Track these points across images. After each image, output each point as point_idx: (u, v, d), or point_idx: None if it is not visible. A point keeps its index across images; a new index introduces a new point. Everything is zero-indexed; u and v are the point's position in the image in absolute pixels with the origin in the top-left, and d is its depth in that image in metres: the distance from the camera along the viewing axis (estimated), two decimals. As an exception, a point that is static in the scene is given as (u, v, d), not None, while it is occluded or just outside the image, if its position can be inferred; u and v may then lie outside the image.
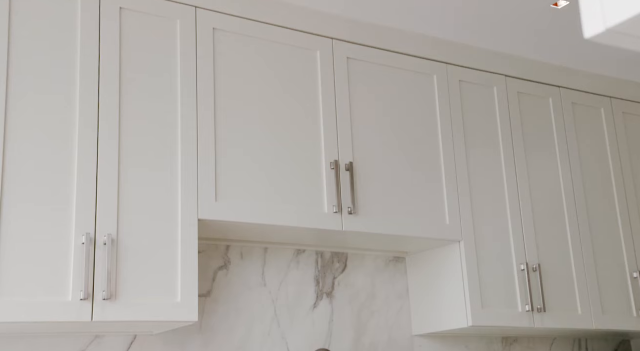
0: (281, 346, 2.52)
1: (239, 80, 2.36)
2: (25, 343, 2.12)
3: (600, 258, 2.93)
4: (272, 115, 2.39)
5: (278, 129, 2.39)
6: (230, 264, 2.51)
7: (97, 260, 1.98)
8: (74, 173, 2.03)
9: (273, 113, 2.39)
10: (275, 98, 2.41)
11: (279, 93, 2.42)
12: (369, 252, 2.78)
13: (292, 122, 2.42)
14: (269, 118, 2.38)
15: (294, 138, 2.40)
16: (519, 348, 3.01)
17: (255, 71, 2.40)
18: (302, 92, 2.47)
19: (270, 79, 2.42)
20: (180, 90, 2.24)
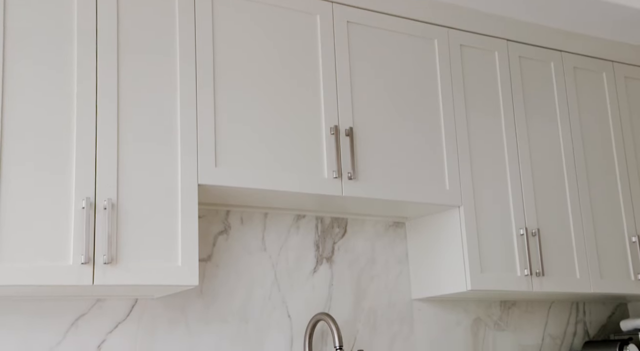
0: (281, 310, 2.54)
1: (238, 45, 2.34)
2: (27, 306, 2.14)
3: (600, 222, 2.94)
4: (271, 80, 2.37)
5: (278, 94, 2.37)
6: (230, 229, 2.52)
7: (97, 224, 1.99)
8: (73, 138, 2.02)
9: (273, 78, 2.38)
10: (274, 63, 2.39)
11: (278, 58, 2.40)
12: (369, 217, 2.79)
13: (291, 87, 2.40)
14: (269, 83, 2.37)
15: (293, 103, 2.39)
16: (518, 311, 3.04)
17: (255, 36, 2.38)
18: (302, 57, 2.45)
19: (270, 43, 2.40)
20: (179, 55, 2.23)
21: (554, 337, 3.09)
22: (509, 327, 2.99)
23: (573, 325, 3.16)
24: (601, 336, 3.18)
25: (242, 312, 2.47)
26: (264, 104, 2.34)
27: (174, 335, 2.33)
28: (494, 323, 2.96)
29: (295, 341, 2.53)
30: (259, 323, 2.49)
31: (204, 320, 2.39)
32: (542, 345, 3.05)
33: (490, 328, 2.95)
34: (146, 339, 2.29)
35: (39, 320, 2.15)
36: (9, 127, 1.95)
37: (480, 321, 2.93)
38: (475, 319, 2.92)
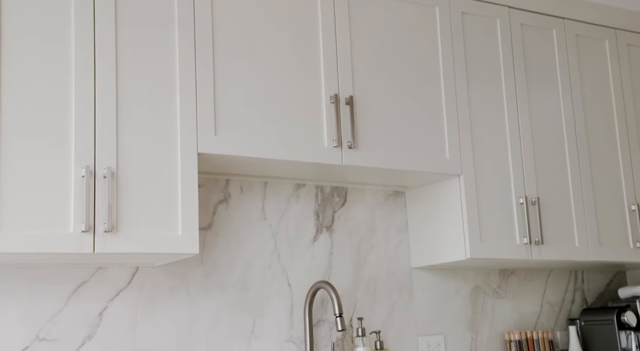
0: (281, 278, 2.55)
1: (237, 14, 2.32)
2: (29, 274, 2.16)
3: (599, 191, 2.95)
4: (271, 49, 2.35)
5: (278, 63, 2.36)
6: (230, 198, 2.52)
7: (97, 193, 1.99)
8: (72, 107, 2.01)
9: (272, 46, 2.36)
10: (274, 31, 2.37)
11: (278, 26, 2.38)
12: (369, 186, 2.79)
13: (291, 55, 2.38)
14: (269, 51, 2.35)
15: (294, 72, 2.37)
16: (516, 280, 3.06)
17: (254, 4, 2.35)
18: (302, 25, 2.42)
19: (270, 12, 2.38)
20: (178, 24, 2.21)
21: (552, 305, 3.11)
22: (507, 295, 3.01)
23: (571, 292, 3.18)
24: (599, 303, 3.21)
25: (243, 280, 2.48)
26: (264, 73, 2.33)
27: (174, 303, 2.35)
28: (493, 291, 2.98)
29: (295, 309, 2.55)
30: (259, 291, 2.50)
31: (205, 288, 2.41)
32: (541, 312, 3.08)
33: (489, 296, 2.97)
34: (147, 306, 2.30)
35: (40, 287, 2.16)
36: (9, 96, 1.94)
37: (479, 289, 2.95)
38: (474, 287, 2.94)
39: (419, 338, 2.77)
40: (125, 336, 2.25)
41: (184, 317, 2.35)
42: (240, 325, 2.44)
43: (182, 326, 2.34)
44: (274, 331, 2.50)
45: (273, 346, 2.48)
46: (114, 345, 2.23)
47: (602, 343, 2.96)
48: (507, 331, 2.95)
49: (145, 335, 2.28)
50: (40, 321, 2.14)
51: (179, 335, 2.33)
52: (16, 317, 2.11)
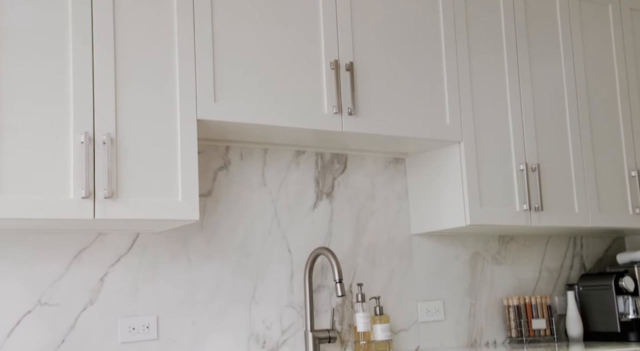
0: (282, 245, 2.57)
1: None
2: (30, 239, 2.17)
3: (600, 157, 2.95)
4: (271, 14, 2.33)
5: (278, 28, 2.34)
6: (230, 165, 2.52)
7: (97, 159, 1.99)
8: (69, 73, 2.00)
9: (272, 12, 2.33)
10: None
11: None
12: (369, 153, 2.79)
13: (292, 21, 2.36)
14: (268, 17, 2.32)
15: (293, 38, 2.35)
16: (516, 246, 3.07)
17: (252, -34, 2.33)
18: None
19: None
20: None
21: (550, 270, 3.13)
22: (506, 261, 3.03)
23: (570, 258, 3.20)
24: (597, 269, 3.23)
25: (243, 246, 2.50)
26: (264, 39, 2.31)
27: (175, 269, 2.37)
28: (492, 257, 3.00)
29: (296, 274, 2.57)
30: (259, 257, 2.52)
31: (205, 254, 2.42)
32: (539, 278, 3.10)
33: (489, 262, 2.99)
34: (148, 272, 2.32)
35: (42, 253, 2.17)
36: (7, 63, 1.93)
37: (478, 256, 2.97)
38: (473, 253, 2.96)
39: (418, 303, 2.80)
40: (126, 302, 2.27)
41: (184, 283, 2.37)
42: (241, 290, 2.46)
43: (183, 292, 2.36)
44: (274, 297, 2.52)
45: (273, 311, 2.50)
46: (115, 310, 2.25)
47: (599, 308, 2.99)
48: (505, 296, 2.97)
49: (147, 300, 2.30)
50: (41, 286, 2.16)
51: (179, 300, 2.35)
52: (18, 282, 2.13)
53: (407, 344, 2.75)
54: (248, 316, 2.46)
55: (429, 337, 2.79)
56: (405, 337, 2.75)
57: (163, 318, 2.32)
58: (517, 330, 2.90)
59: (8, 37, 1.94)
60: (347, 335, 2.63)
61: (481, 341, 2.90)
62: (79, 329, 2.18)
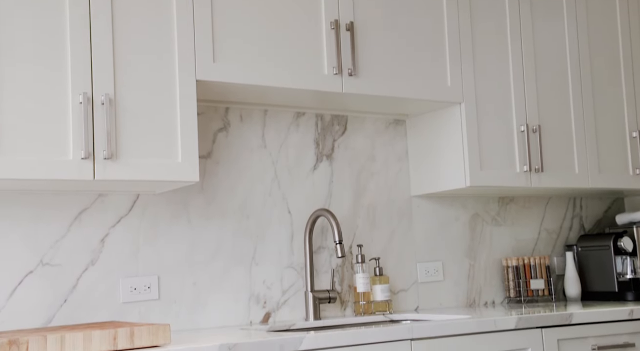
0: (282, 206, 2.57)
1: None
2: (31, 200, 2.17)
3: (601, 118, 2.94)
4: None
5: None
6: (230, 126, 2.52)
7: (96, 120, 1.98)
8: (67, 32, 1.98)
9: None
10: (272, -48, 2.31)
11: (276, -53, 2.32)
12: (369, 115, 2.78)
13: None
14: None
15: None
16: (515, 207, 3.08)
17: None
18: (301, -54, 2.36)
19: None
20: (172, -56, 2.15)
21: (549, 232, 3.15)
22: (506, 222, 3.04)
23: (569, 219, 3.21)
24: (596, 230, 3.24)
25: (243, 208, 2.50)
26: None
27: (176, 230, 2.38)
28: (492, 219, 3.01)
29: (296, 236, 2.58)
30: (259, 218, 2.52)
31: (206, 216, 2.43)
32: (538, 239, 3.11)
33: (488, 224, 3.00)
34: (149, 233, 2.33)
35: (42, 213, 2.18)
36: (3, 25, 1.90)
37: (478, 217, 2.98)
38: (473, 215, 2.97)
39: (418, 264, 2.82)
40: (127, 262, 2.28)
41: (185, 244, 2.38)
42: (241, 251, 2.48)
43: (183, 253, 2.38)
44: (275, 258, 2.53)
45: (274, 272, 2.52)
46: (116, 270, 2.26)
47: (598, 268, 3.01)
48: (504, 257, 2.99)
49: (147, 260, 2.31)
50: (43, 247, 2.17)
51: (180, 261, 2.37)
52: (19, 242, 2.14)
53: (407, 304, 2.78)
54: (248, 277, 2.47)
55: (428, 297, 2.82)
56: (404, 297, 2.77)
57: (164, 279, 2.33)
58: (515, 290, 2.92)
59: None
60: (347, 295, 2.65)
61: (480, 301, 2.93)
62: (80, 289, 2.20)
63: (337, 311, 2.62)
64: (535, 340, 2.31)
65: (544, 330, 2.34)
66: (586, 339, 2.42)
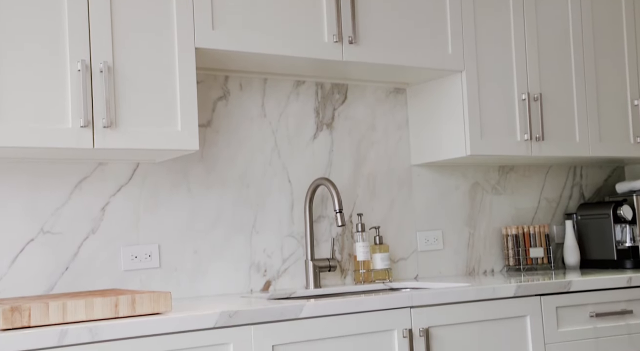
0: (282, 175, 2.57)
1: None
2: (30, 169, 2.17)
3: (603, 86, 2.92)
4: (268, -63, 2.27)
5: (275, -48, 2.27)
6: (229, 95, 2.50)
7: (94, 87, 1.97)
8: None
9: None
10: None
11: None
12: (370, 83, 2.76)
13: (289, -56, 2.30)
14: (265, -60, 2.26)
15: (292, -37, 2.30)
16: (515, 176, 3.08)
17: None
18: None
19: None
20: None
21: (549, 200, 3.15)
22: (506, 191, 3.05)
23: (569, 188, 3.21)
24: (596, 199, 3.25)
25: (243, 177, 2.50)
26: (261, -37, 2.25)
27: (176, 199, 2.38)
28: (492, 188, 3.01)
29: (296, 205, 2.58)
30: (259, 188, 2.53)
31: (206, 185, 2.43)
32: (538, 208, 3.12)
33: (488, 192, 3.00)
34: (149, 202, 2.33)
35: (42, 182, 2.18)
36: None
37: (478, 186, 2.98)
38: (473, 184, 2.97)
39: (418, 233, 2.83)
40: (127, 231, 2.29)
41: (185, 212, 2.39)
42: (242, 220, 2.48)
43: (184, 222, 2.38)
44: (275, 227, 2.54)
45: (274, 240, 2.53)
46: (117, 238, 2.27)
47: (597, 237, 3.02)
48: (504, 226, 3.00)
49: (148, 229, 2.32)
50: (43, 215, 2.17)
51: (181, 229, 2.37)
52: (20, 210, 2.14)
53: (406, 273, 2.79)
54: (249, 246, 2.48)
55: (428, 266, 2.83)
56: (404, 266, 2.79)
57: (165, 247, 2.34)
58: (514, 259, 2.94)
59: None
60: (347, 264, 2.67)
61: (479, 269, 2.95)
62: (82, 257, 2.21)
63: (337, 279, 2.64)
64: (533, 307, 2.33)
65: (542, 297, 2.35)
66: (584, 306, 2.43)
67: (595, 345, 2.42)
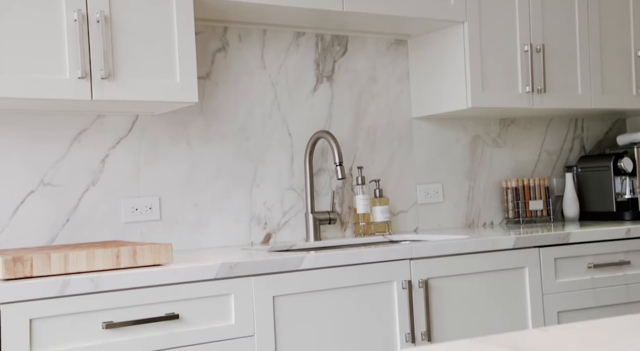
0: (282, 128, 2.56)
1: None
2: (29, 121, 2.16)
3: (607, 38, 2.88)
4: None
5: None
6: (228, 46, 2.47)
7: (91, 38, 1.95)
8: (58, -53, 1.92)
9: None
10: None
11: None
12: (370, 35, 2.73)
13: None
14: None
15: None
16: (516, 129, 3.07)
17: None
18: None
19: None
20: None
21: (550, 153, 3.15)
22: (506, 144, 3.04)
23: (570, 141, 3.21)
24: (597, 151, 3.24)
25: (243, 130, 2.49)
26: None
27: (176, 151, 2.37)
28: (492, 140, 3.00)
29: (296, 158, 2.58)
30: (259, 140, 2.52)
31: (205, 137, 2.42)
32: (538, 161, 3.11)
33: (488, 145, 3.00)
34: (149, 154, 2.33)
35: (41, 134, 2.17)
36: None
37: (478, 139, 2.97)
38: (473, 136, 2.96)
39: (418, 186, 2.83)
40: (128, 183, 2.29)
41: (185, 165, 2.39)
42: (242, 173, 2.48)
43: (184, 174, 2.38)
44: (275, 180, 2.54)
45: (274, 193, 2.53)
46: (117, 191, 2.27)
47: (597, 189, 3.02)
48: (504, 179, 3.00)
49: (148, 182, 2.32)
50: (43, 167, 2.17)
51: (181, 182, 2.38)
52: (19, 162, 2.14)
53: (406, 225, 2.80)
54: (249, 199, 2.49)
55: (428, 219, 2.85)
56: (404, 219, 2.80)
57: (165, 200, 2.35)
58: (514, 211, 2.95)
59: None
60: (347, 216, 2.68)
61: (478, 222, 2.96)
62: (82, 209, 2.22)
63: (337, 232, 2.65)
64: (532, 259, 2.35)
65: (541, 249, 2.37)
66: (583, 258, 2.45)
67: (593, 295, 2.45)
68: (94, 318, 1.70)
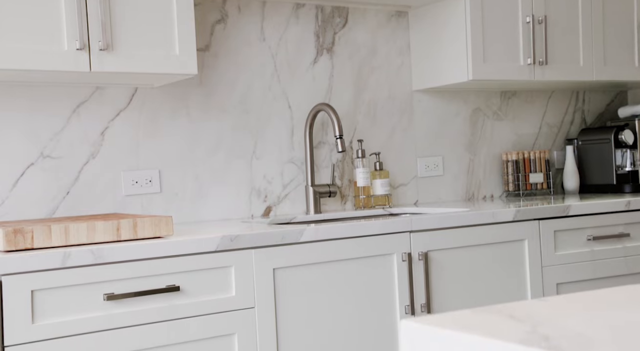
0: (282, 101, 2.55)
1: None
2: (27, 93, 2.15)
3: (609, 9, 2.86)
4: None
5: None
6: (228, 18, 2.45)
7: (89, 9, 1.93)
8: None
9: None
10: None
11: None
12: (371, 6, 2.70)
13: None
14: None
15: None
16: (517, 101, 3.05)
17: None
18: None
19: None
20: None
21: (551, 126, 3.14)
22: (507, 117, 3.03)
23: (571, 114, 3.19)
24: (598, 124, 3.23)
25: (243, 102, 2.48)
26: None
27: (175, 124, 2.37)
28: (493, 113, 2.99)
29: (296, 130, 2.57)
30: (259, 113, 2.51)
31: (205, 109, 2.41)
32: (539, 134, 3.11)
33: (489, 118, 2.99)
34: (148, 127, 2.32)
35: (40, 106, 2.16)
36: None
37: (479, 111, 2.96)
38: (474, 109, 2.95)
39: (418, 159, 2.83)
40: (127, 155, 2.29)
41: (185, 138, 2.38)
42: (242, 146, 2.48)
43: (183, 147, 2.38)
44: (275, 152, 2.53)
45: (274, 166, 2.53)
46: (117, 163, 2.27)
47: (597, 162, 3.02)
48: (504, 152, 2.99)
49: (148, 154, 2.32)
50: (43, 139, 2.16)
51: (181, 155, 2.37)
52: (19, 134, 2.14)
53: (406, 198, 2.81)
54: (249, 171, 2.49)
55: (428, 192, 2.85)
56: (404, 192, 2.80)
57: (165, 172, 2.35)
58: (514, 184, 2.95)
59: None
60: (347, 189, 2.68)
61: (478, 195, 2.96)
62: (82, 181, 2.22)
63: (337, 205, 2.65)
64: (532, 231, 2.35)
65: (541, 221, 2.37)
66: (582, 230, 2.46)
67: (592, 267, 2.45)
68: (95, 290, 1.70)
